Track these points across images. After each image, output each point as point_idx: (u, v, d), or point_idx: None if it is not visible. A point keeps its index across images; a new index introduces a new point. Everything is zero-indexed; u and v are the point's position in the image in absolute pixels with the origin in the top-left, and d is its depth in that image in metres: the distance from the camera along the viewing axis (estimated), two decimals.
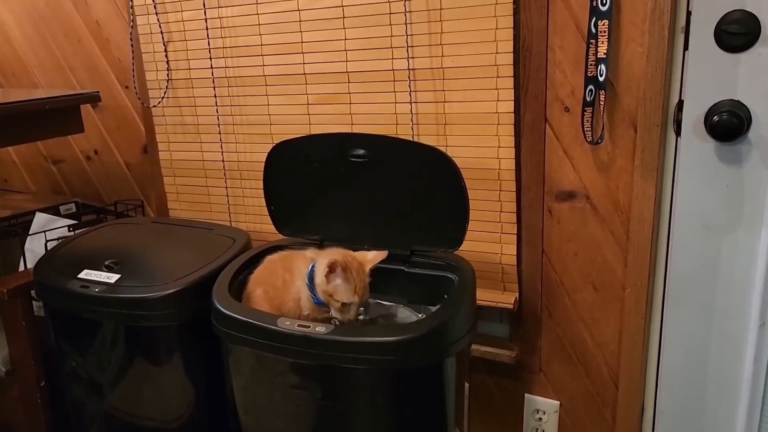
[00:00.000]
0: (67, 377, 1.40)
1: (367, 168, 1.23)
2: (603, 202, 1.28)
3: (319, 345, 1.02)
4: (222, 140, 1.68)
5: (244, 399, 1.17)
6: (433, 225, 1.22)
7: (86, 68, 1.91)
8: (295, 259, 1.20)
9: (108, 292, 1.24)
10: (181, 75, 1.69)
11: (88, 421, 1.41)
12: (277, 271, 1.19)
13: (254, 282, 1.21)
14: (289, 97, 1.54)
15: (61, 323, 1.36)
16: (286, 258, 1.22)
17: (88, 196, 2.03)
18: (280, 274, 1.18)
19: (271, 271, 1.21)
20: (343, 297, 1.07)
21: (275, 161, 1.31)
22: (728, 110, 1.10)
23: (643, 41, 1.16)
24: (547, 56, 1.26)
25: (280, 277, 1.17)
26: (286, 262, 1.20)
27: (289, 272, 1.17)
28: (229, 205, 1.72)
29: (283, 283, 1.16)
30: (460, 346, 1.08)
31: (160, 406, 1.31)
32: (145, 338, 1.27)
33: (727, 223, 1.17)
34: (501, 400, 1.51)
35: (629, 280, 1.28)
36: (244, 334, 1.09)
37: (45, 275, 1.34)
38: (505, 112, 1.31)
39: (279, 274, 1.18)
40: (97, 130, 1.95)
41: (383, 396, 1.07)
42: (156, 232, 1.53)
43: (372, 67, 1.42)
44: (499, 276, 1.41)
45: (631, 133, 1.22)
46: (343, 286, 1.07)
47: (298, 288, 1.14)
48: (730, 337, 1.21)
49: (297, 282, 1.14)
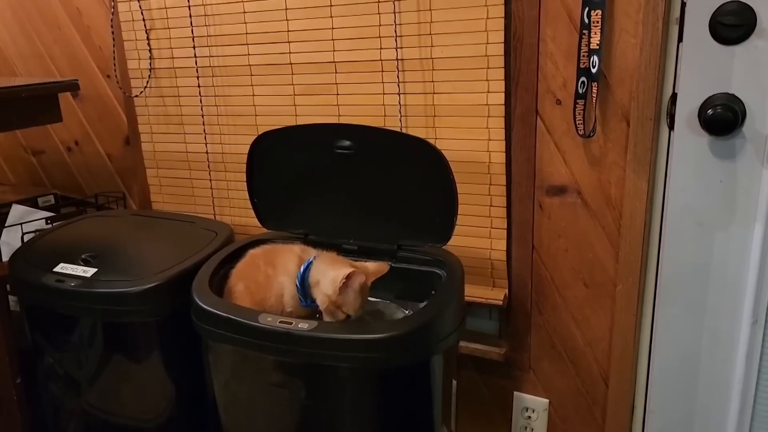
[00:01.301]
0: (43, 374, 1.36)
1: (354, 160, 1.20)
2: (594, 197, 1.25)
3: (301, 342, 0.99)
4: (206, 131, 1.64)
5: (224, 397, 1.14)
6: (421, 219, 1.19)
7: (66, 56, 1.86)
8: (279, 254, 1.16)
9: (84, 287, 1.20)
10: (164, 64, 1.65)
11: (65, 419, 1.37)
12: (259, 265, 1.16)
13: (236, 276, 1.18)
14: (274, 88, 1.51)
15: (37, 319, 1.32)
16: (269, 252, 1.19)
17: (68, 188, 1.98)
18: (262, 268, 1.14)
19: (253, 266, 1.17)
20: (351, 310, 1.04)
21: (259, 153, 1.28)
22: (723, 104, 1.08)
23: (636, 32, 1.13)
24: (539, 47, 1.23)
25: (262, 271, 1.14)
26: (270, 257, 1.17)
27: (272, 267, 1.13)
28: (213, 197, 1.68)
29: (266, 278, 1.12)
30: (448, 343, 1.06)
31: (138, 404, 1.28)
32: (123, 334, 1.23)
33: (720, 218, 1.15)
34: (490, 398, 1.49)
35: (620, 276, 1.25)
36: (225, 330, 1.05)
37: (20, 269, 1.30)
38: (496, 105, 1.28)
39: (261, 268, 1.15)
40: (77, 120, 1.90)
41: (368, 395, 1.04)
42: (136, 225, 1.49)
43: (359, 57, 1.39)
44: (489, 272, 1.38)
45: (624, 127, 1.19)
46: (355, 300, 1.03)
47: (281, 284, 1.11)
48: (721, 334, 1.20)
49: (281, 278, 1.11)
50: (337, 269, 1.04)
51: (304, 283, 1.07)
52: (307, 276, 1.07)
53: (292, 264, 1.11)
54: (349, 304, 1.03)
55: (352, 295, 1.02)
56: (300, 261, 1.11)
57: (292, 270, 1.10)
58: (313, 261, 1.09)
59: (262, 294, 1.12)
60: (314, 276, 1.07)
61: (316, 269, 1.07)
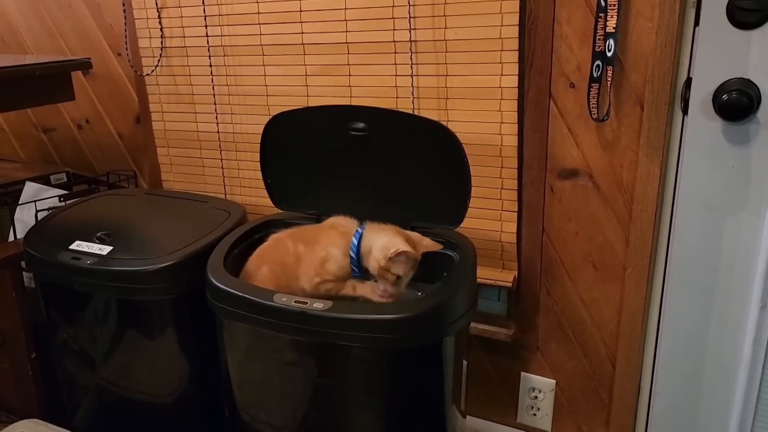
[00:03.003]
0: (57, 350, 1.38)
1: (368, 142, 1.20)
2: (606, 180, 1.26)
3: (316, 321, 1.00)
4: (217, 111, 1.64)
5: (238, 375, 1.15)
6: (434, 201, 1.20)
7: (77, 34, 1.85)
8: (314, 231, 1.18)
9: (100, 265, 1.21)
10: (175, 43, 1.64)
11: (79, 394, 1.39)
12: (287, 246, 1.16)
13: (258, 260, 1.19)
14: (286, 68, 1.50)
15: (52, 295, 1.34)
16: (299, 233, 1.20)
17: (79, 166, 1.99)
18: (291, 249, 1.15)
19: (279, 248, 1.18)
20: (401, 271, 1.10)
21: (273, 134, 1.28)
22: (738, 89, 1.07)
23: (653, 16, 1.13)
24: (554, 30, 1.22)
25: (291, 252, 1.15)
26: (301, 236, 1.18)
27: (306, 244, 1.15)
28: (224, 177, 1.69)
29: (295, 258, 1.14)
30: (460, 325, 1.07)
31: (152, 381, 1.30)
32: (138, 312, 1.25)
33: (732, 204, 1.15)
34: (497, 378, 1.51)
35: (630, 260, 1.26)
36: (240, 309, 1.07)
37: (35, 246, 1.32)
38: (509, 87, 1.28)
39: (290, 249, 1.16)
40: (88, 98, 1.90)
41: (380, 375, 1.05)
42: (149, 204, 1.50)
43: (372, 38, 1.38)
44: (499, 254, 1.39)
45: (638, 111, 1.19)
46: (405, 265, 1.10)
47: (329, 254, 1.13)
48: (730, 319, 1.20)
49: (329, 249, 1.13)
50: (388, 237, 1.10)
51: (358, 253, 1.11)
52: (360, 245, 1.12)
53: (338, 237, 1.14)
54: (399, 267, 1.09)
55: (401, 263, 1.09)
56: (343, 235, 1.14)
57: (340, 243, 1.13)
58: (363, 232, 1.13)
59: (290, 274, 1.13)
60: (365, 245, 1.12)
61: (367, 239, 1.12)
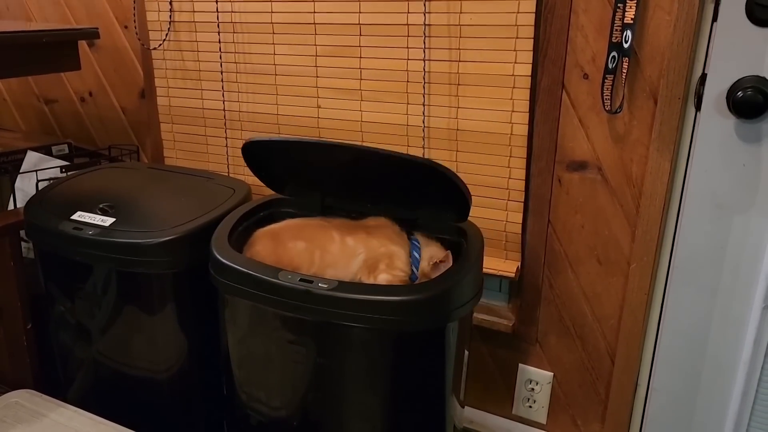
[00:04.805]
0: (55, 321, 1.36)
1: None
2: (615, 174, 1.25)
3: (320, 301, 0.99)
4: (224, 89, 1.62)
5: (238, 352, 1.15)
6: (437, 197, 1.19)
7: (84, 5, 1.83)
8: (366, 229, 1.18)
9: (102, 236, 1.20)
10: (184, 17, 1.62)
11: (75, 366, 1.38)
12: (332, 234, 1.16)
13: (293, 232, 1.17)
14: (296, 47, 1.49)
15: (51, 266, 1.32)
16: (342, 225, 1.18)
17: (80, 138, 1.97)
18: (337, 238, 1.15)
19: (322, 231, 1.17)
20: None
21: (252, 157, 1.26)
22: (753, 86, 1.07)
23: (671, 9, 1.12)
24: (570, 19, 1.21)
25: (337, 241, 1.15)
26: (347, 229, 1.17)
27: (355, 239, 1.15)
28: (228, 155, 1.67)
29: (342, 247, 1.14)
30: (464, 311, 1.06)
31: (150, 355, 1.28)
32: (139, 285, 1.23)
33: (741, 202, 1.15)
34: (494, 369, 1.50)
35: (635, 255, 1.26)
36: (243, 285, 1.05)
37: (36, 215, 1.30)
38: (522, 76, 1.27)
39: (335, 237, 1.15)
40: (92, 70, 1.88)
41: (382, 357, 1.04)
42: (153, 178, 1.48)
43: (385, 20, 1.37)
44: (503, 244, 1.39)
45: (651, 105, 1.18)
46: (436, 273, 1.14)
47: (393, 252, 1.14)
48: (732, 317, 1.20)
49: (391, 247, 1.15)
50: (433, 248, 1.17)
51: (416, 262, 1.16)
52: (419, 253, 1.16)
53: (396, 237, 1.17)
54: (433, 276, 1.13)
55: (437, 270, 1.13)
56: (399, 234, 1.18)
57: (399, 242, 1.16)
58: (419, 244, 1.18)
59: (329, 260, 1.13)
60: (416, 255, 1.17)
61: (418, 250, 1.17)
